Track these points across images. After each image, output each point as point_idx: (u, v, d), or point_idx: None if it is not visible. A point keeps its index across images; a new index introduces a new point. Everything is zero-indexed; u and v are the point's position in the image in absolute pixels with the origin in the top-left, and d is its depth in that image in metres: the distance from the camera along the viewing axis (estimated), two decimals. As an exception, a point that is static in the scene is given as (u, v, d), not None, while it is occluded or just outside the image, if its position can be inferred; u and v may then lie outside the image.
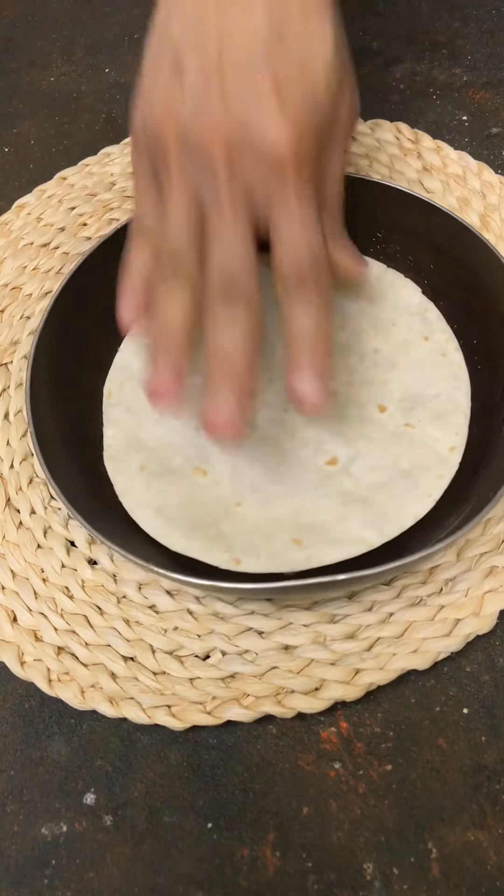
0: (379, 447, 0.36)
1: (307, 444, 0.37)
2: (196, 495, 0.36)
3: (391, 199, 0.39)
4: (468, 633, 0.34)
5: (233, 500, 0.35)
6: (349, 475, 0.36)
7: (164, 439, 0.38)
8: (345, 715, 0.34)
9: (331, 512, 0.34)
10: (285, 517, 0.35)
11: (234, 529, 0.34)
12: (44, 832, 0.32)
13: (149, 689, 0.34)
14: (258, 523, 0.35)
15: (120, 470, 0.37)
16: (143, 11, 0.63)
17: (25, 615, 0.36)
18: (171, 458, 0.37)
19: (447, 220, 0.38)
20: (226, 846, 0.31)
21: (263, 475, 0.36)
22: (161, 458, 0.37)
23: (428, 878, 0.30)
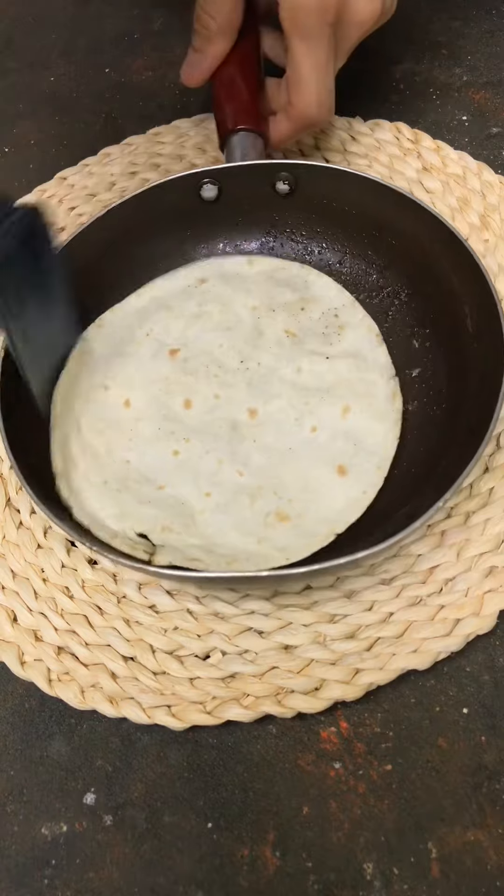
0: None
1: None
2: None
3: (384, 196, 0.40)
4: (468, 633, 0.34)
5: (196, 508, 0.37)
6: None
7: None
8: (345, 715, 0.34)
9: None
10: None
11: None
12: (44, 832, 0.32)
13: (149, 689, 0.34)
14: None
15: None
16: (142, 12, 0.63)
17: (25, 615, 0.36)
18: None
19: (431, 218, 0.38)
20: (226, 846, 0.31)
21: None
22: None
23: (428, 878, 0.30)
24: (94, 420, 0.39)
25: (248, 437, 0.38)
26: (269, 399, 0.39)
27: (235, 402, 0.39)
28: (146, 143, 0.53)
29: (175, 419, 0.39)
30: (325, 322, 0.41)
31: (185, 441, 0.38)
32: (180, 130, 0.53)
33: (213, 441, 0.38)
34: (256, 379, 0.40)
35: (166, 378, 0.40)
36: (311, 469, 0.37)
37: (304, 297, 0.42)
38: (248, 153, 0.42)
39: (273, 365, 0.40)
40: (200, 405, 0.39)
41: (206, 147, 0.52)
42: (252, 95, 0.44)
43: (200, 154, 0.51)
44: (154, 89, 0.58)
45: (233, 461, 0.38)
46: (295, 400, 0.39)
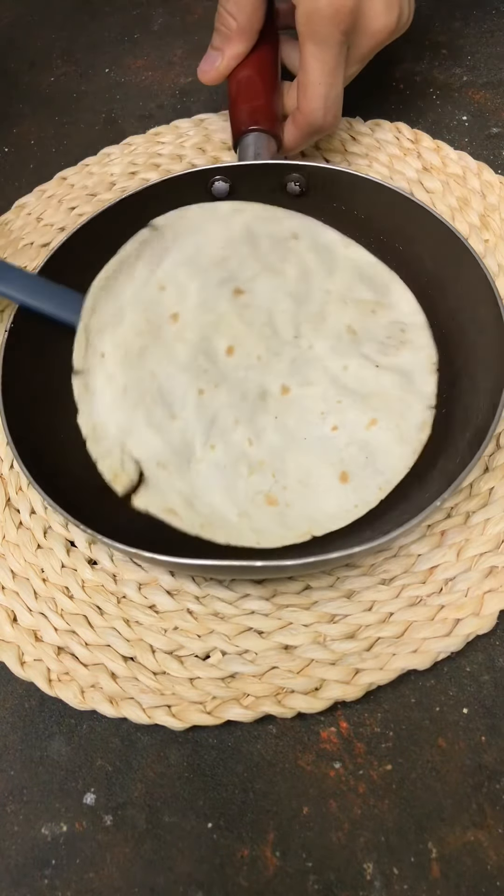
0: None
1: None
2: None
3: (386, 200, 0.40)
4: (468, 633, 0.34)
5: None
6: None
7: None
8: (345, 715, 0.34)
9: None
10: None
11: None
12: (44, 832, 0.32)
13: (149, 689, 0.34)
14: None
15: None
16: (143, 12, 0.63)
17: (25, 615, 0.36)
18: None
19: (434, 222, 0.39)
20: (226, 846, 0.31)
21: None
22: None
23: (428, 878, 0.30)
24: (141, 317, 0.39)
25: (271, 410, 0.38)
26: (306, 383, 0.38)
27: (273, 373, 0.39)
28: (146, 143, 0.53)
29: (213, 359, 0.39)
30: (389, 332, 0.40)
31: (213, 385, 0.38)
32: (180, 130, 0.53)
33: (239, 399, 0.38)
34: (302, 359, 0.39)
35: (222, 315, 0.39)
36: (316, 465, 0.37)
37: (380, 301, 0.40)
38: (261, 153, 0.43)
39: (323, 353, 0.39)
40: (241, 359, 0.39)
41: (206, 147, 0.52)
42: (268, 97, 0.44)
43: (200, 154, 0.51)
44: (154, 89, 0.58)
45: (248, 427, 0.37)
46: (330, 394, 0.38)
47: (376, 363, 0.38)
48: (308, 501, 0.36)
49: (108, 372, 0.38)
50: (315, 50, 0.40)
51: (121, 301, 0.39)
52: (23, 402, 0.36)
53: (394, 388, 0.38)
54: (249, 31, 0.43)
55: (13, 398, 0.35)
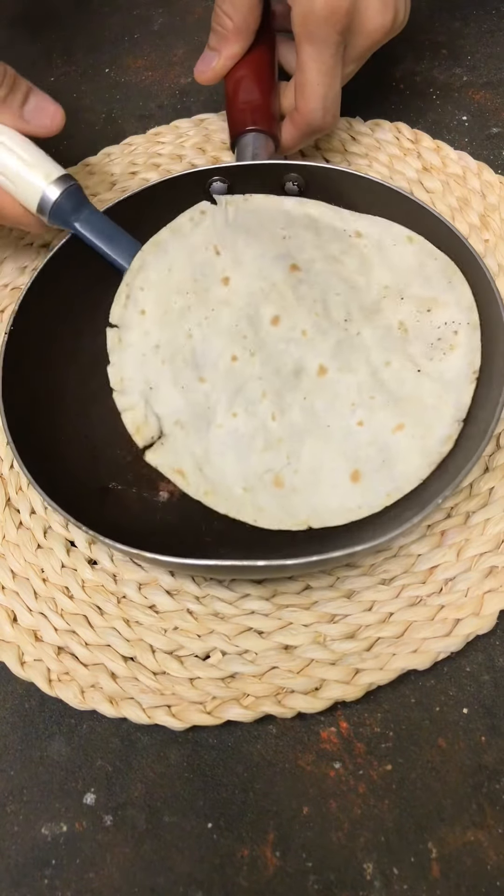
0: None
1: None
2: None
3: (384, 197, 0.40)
4: (468, 633, 0.34)
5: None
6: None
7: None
8: (345, 715, 0.34)
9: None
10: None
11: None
12: (44, 832, 0.32)
13: (149, 689, 0.34)
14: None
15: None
16: (143, 12, 0.63)
17: (25, 615, 0.36)
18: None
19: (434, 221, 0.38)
20: (226, 846, 0.31)
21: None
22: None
23: (428, 878, 0.30)
24: (188, 277, 0.39)
25: (302, 389, 0.37)
26: (346, 369, 0.37)
27: (315, 351, 0.38)
28: (146, 143, 0.53)
29: (255, 327, 0.38)
30: (441, 333, 0.38)
31: (249, 354, 0.38)
32: (180, 130, 0.53)
33: (272, 372, 0.38)
34: (347, 345, 0.38)
35: (274, 284, 0.39)
36: (332, 456, 0.36)
37: (437, 299, 0.38)
38: (259, 154, 0.43)
39: (370, 343, 0.38)
40: (285, 331, 0.38)
41: (206, 147, 0.52)
42: (265, 97, 0.44)
43: (200, 154, 0.51)
44: (154, 89, 0.58)
45: (275, 402, 0.37)
46: (365, 387, 0.37)
47: (419, 367, 0.37)
48: (314, 491, 0.36)
49: (144, 328, 0.39)
50: (312, 51, 0.40)
51: (170, 260, 0.39)
52: (23, 403, 0.36)
53: (430, 396, 0.37)
54: (246, 32, 0.43)
55: (13, 398, 0.35)
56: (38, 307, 0.38)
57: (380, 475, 0.36)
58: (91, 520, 0.32)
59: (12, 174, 0.38)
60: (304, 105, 0.42)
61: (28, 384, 0.37)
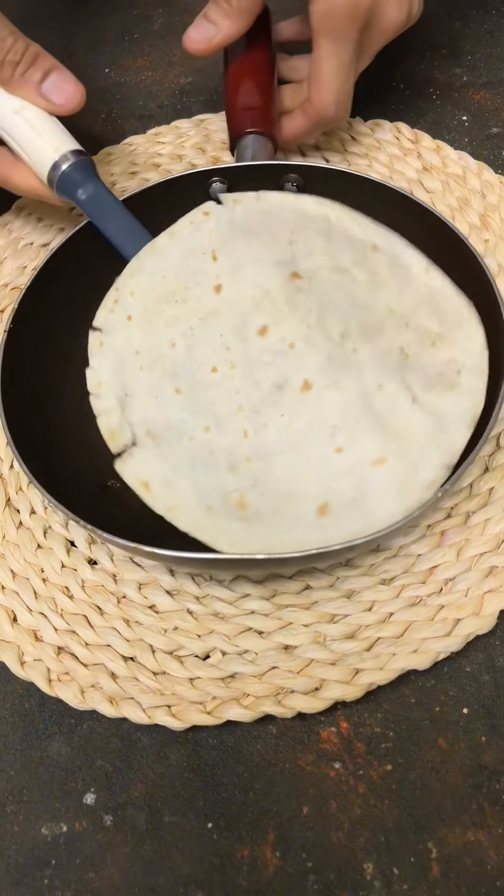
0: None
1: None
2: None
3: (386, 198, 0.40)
4: (468, 633, 0.34)
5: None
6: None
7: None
8: (345, 715, 0.34)
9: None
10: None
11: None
12: (44, 832, 0.32)
13: (149, 689, 0.34)
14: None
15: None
16: (142, 12, 0.63)
17: (25, 615, 0.36)
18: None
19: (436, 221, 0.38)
20: (226, 846, 0.31)
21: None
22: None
23: (428, 878, 0.30)
24: (181, 284, 0.38)
25: (282, 406, 0.35)
26: (334, 386, 0.35)
27: (301, 365, 0.35)
28: (146, 143, 0.53)
29: (241, 338, 0.37)
30: (443, 370, 0.35)
31: (230, 366, 0.36)
32: (180, 130, 0.53)
33: (251, 386, 0.36)
34: (339, 361, 0.35)
35: (268, 292, 0.37)
36: (301, 483, 0.34)
37: (445, 336, 0.36)
38: (259, 154, 0.43)
39: (365, 361, 0.35)
40: (273, 342, 0.36)
41: (206, 147, 0.52)
42: (264, 99, 0.45)
43: (200, 154, 0.51)
44: (154, 89, 0.58)
45: (250, 418, 0.35)
46: (351, 408, 0.34)
47: (414, 397, 0.34)
48: (275, 520, 0.33)
49: (128, 333, 0.38)
50: (330, 46, 0.40)
51: (165, 266, 0.38)
52: (22, 401, 0.36)
53: (421, 432, 0.34)
54: (248, 13, 0.42)
55: (12, 397, 0.35)
56: (38, 306, 0.38)
57: (349, 512, 0.33)
58: (91, 517, 0.32)
59: (27, 145, 0.39)
60: (318, 98, 0.42)
61: (27, 383, 0.37)
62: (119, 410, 0.37)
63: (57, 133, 0.39)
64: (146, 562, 0.37)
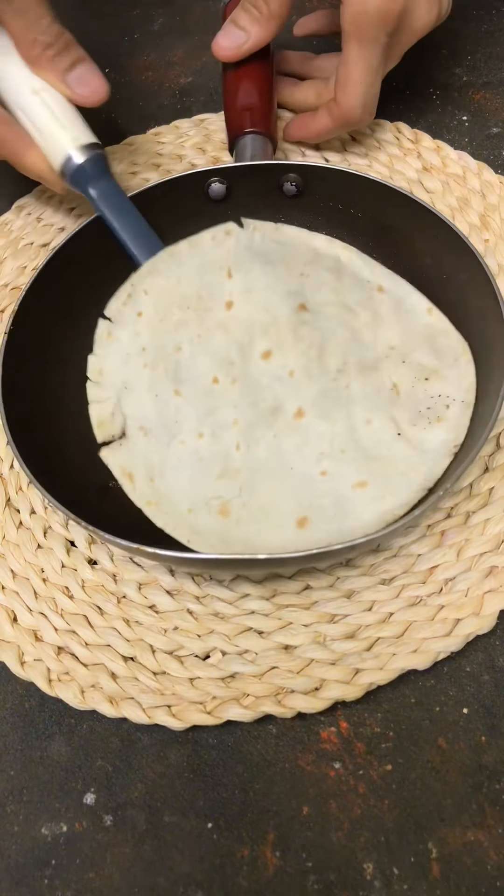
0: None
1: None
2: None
3: (386, 198, 0.40)
4: (468, 633, 0.34)
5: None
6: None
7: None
8: (345, 715, 0.34)
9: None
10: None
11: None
12: (44, 832, 0.32)
13: (149, 689, 0.34)
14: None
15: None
16: (142, 12, 0.63)
17: (25, 615, 0.36)
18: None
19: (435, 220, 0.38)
20: (226, 846, 0.31)
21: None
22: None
23: (428, 878, 0.30)
24: (194, 292, 0.39)
25: (274, 428, 0.36)
26: (322, 418, 0.36)
27: (297, 393, 0.37)
28: (146, 143, 0.53)
29: (245, 356, 0.38)
30: (432, 403, 0.37)
31: (231, 381, 0.37)
32: (180, 130, 0.53)
33: (249, 404, 0.37)
34: (332, 395, 0.37)
35: (276, 319, 0.38)
36: (285, 498, 0.35)
37: (439, 372, 0.38)
38: (258, 155, 0.43)
39: (356, 398, 0.37)
40: (274, 367, 0.37)
41: (206, 147, 0.52)
42: (263, 100, 0.45)
43: (200, 154, 0.51)
44: (154, 89, 0.58)
45: (243, 433, 0.36)
46: (338, 440, 0.36)
47: (400, 430, 0.36)
48: (255, 527, 0.35)
49: (136, 329, 0.38)
50: (360, 49, 0.40)
51: (181, 272, 0.39)
52: (23, 402, 0.36)
53: (403, 462, 0.35)
54: (279, 18, 0.42)
55: (13, 398, 0.35)
56: (38, 307, 0.38)
57: (327, 526, 0.34)
58: (92, 518, 0.32)
59: (44, 128, 0.39)
60: (344, 100, 0.42)
61: (28, 383, 0.37)
62: (114, 401, 0.38)
63: (76, 122, 0.39)
64: (146, 562, 0.38)
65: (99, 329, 0.39)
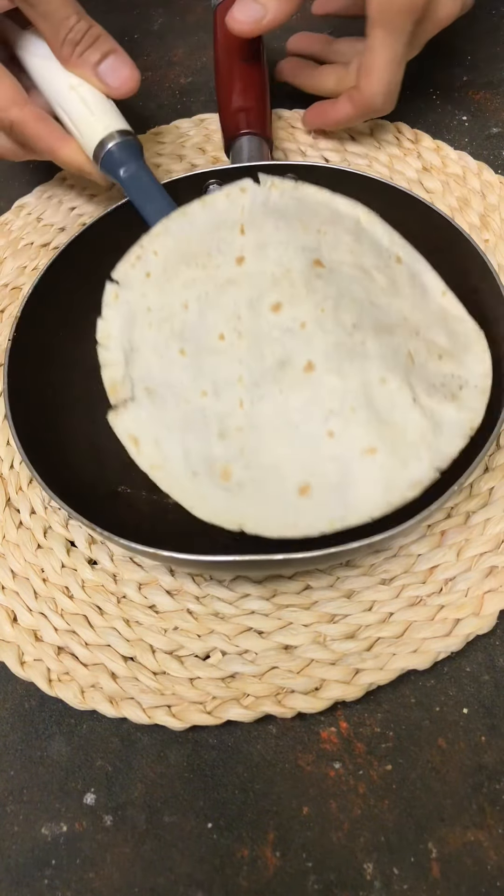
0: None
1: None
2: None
3: (389, 197, 0.40)
4: (468, 633, 0.34)
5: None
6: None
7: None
8: (345, 715, 0.34)
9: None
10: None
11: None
12: (44, 832, 0.32)
13: (149, 689, 0.34)
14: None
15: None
16: (142, 12, 0.63)
17: (25, 615, 0.36)
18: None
19: (440, 220, 0.38)
20: (226, 846, 0.31)
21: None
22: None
23: (428, 878, 0.30)
24: (205, 250, 0.38)
25: (281, 382, 0.34)
26: (336, 371, 0.34)
27: (309, 346, 0.34)
28: (146, 143, 0.53)
29: (253, 311, 0.36)
30: (446, 381, 0.35)
31: (238, 335, 0.36)
32: (180, 130, 0.53)
33: (255, 358, 0.35)
34: (346, 349, 0.34)
35: (289, 272, 0.36)
36: (288, 461, 0.33)
37: (453, 354, 0.36)
38: (255, 156, 0.43)
39: (372, 354, 0.34)
40: (284, 320, 0.35)
41: (206, 147, 0.52)
42: (258, 101, 0.44)
43: (200, 154, 0.52)
44: (154, 89, 0.58)
45: (248, 390, 0.34)
46: (350, 397, 0.33)
47: (416, 397, 0.34)
48: (255, 493, 0.33)
49: (143, 290, 0.38)
50: (385, 37, 0.40)
51: (193, 231, 0.38)
52: (30, 410, 0.36)
53: (415, 431, 0.33)
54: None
55: (20, 405, 0.35)
56: (41, 312, 0.38)
57: (329, 496, 0.32)
58: (105, 523, 0.32)
59: (79, 121, 0.39)
60: (368, 88, 0.42)
61: (33, 390, 0.37)
62: (123, 364, 0.36)
63: (108, 112, 0.40)
64: (146, 562, 0.38)
65: (106, 292, 0.38)
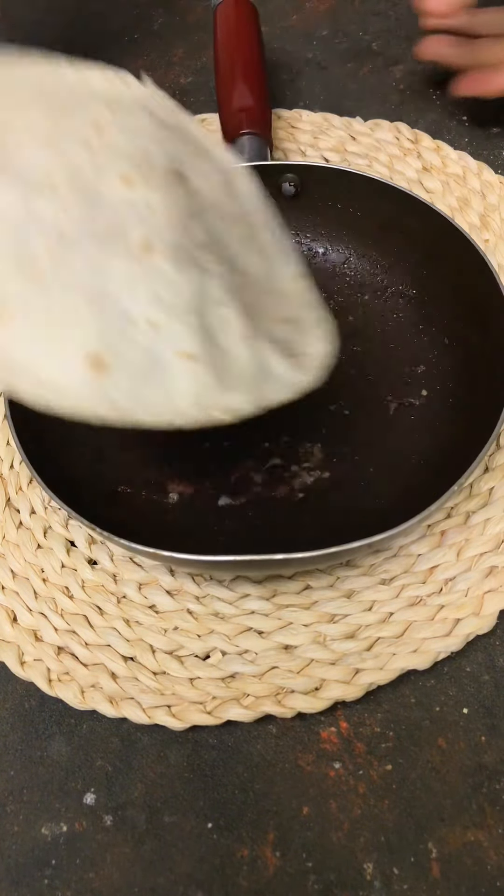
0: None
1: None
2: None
3: (387, 196, 0.40)
4: (468, 633, 0.34)
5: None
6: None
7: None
8: (345, 715, 0.34)
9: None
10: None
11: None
12: (44, 832, 0.32)
13: (149, 689, 0.34)
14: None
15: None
16: (142, 12, 0.63)
17: (25, 615, 0.36)
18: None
19: (439, 220, 0.38)
20: (226, 846, 0.31)
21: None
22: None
23: (428, 878, 0.30)
24: (63, 105, 0.33)
25: (106, 251, 0.28)
26: (174, 264, 0.29)
27: (153, 230, 0.29)
28: (146, 142, 0.53)
29: (98, 173, 0.30)
30: (288, 343, 0.32)
31: (70, 188, 0.29)
32: (180, 130, 0.53)
33: (83, 217, 0.29)
34: (189, 256, 0.29)
35: (149, 159, 0.31)
36: (81, 322, 0.27)
37: (298, 325, 0.33)
38: (255, 156, 0.43)
39: (212, 275, 0.30)
40: (132, 197, 0.29)
41: (206, 147, 0.52)
42: (258, 100, 0.44)
43: (200, 154, 0.51)
44: (154, 89, 0.58)
45: (60, 242, 0.28)
46: (183, 294, 0.29)
47: (251, 336, 0.30)
48: (36, 347, 0.28)
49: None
50: None
51: (59, 84, 0.34)
52: (30, 410, 0.36)
53: (240, 366, 0.30)
54: None
55: (21, 406, 0.35)
56: None
57: (129, 384, 0.28)
58: (105, 523, 0.32)
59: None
60: None
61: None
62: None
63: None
64: (146, 562, 0.38)
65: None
